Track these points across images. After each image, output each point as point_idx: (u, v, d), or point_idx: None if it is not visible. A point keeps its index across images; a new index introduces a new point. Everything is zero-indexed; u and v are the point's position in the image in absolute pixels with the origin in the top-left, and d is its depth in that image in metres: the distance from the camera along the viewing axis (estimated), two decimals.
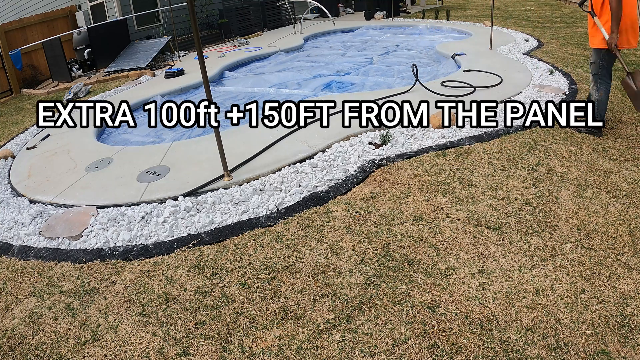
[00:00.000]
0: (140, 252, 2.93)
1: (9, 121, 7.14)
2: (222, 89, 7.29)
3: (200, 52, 3.24)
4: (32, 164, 4.63)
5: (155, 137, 5.39)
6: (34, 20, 10.05)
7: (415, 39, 10.00)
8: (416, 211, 3.08)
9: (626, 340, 1.99)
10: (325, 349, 2.08)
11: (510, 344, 2.02)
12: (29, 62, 9.70)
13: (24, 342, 2.30)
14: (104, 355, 2.16)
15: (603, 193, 3.16)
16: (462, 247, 2.70)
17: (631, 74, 3.89)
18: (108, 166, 4.20)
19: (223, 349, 2.13)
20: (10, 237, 3.33)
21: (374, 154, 3.90)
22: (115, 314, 2.42)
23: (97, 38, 9.71)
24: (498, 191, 3.25)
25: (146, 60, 9.30)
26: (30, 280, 2.80)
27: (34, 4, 13.36)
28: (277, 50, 9.60)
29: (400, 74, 7.05)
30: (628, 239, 2.67)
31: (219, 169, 3.67)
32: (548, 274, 2.42)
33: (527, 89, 5.27)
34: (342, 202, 3.26)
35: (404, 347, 2.04)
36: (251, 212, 3.22)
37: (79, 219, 3.30)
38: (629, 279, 2.35)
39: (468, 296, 2.31)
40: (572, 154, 3.73)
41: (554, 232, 2.77)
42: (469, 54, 7.20)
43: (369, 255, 2.69)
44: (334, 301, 2.36)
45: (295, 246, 2.83)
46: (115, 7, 10.53)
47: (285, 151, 4.03)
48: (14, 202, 3.91)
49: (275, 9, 13.43)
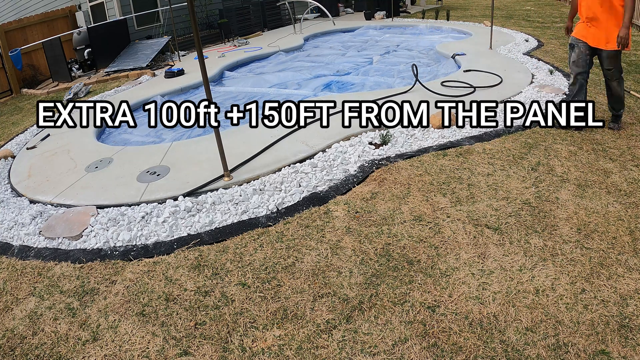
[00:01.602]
0: (140, 252, 2.93)
1: (9, 121, 7.14)
2: (222, 89, 7.29)
3: (200, 52, 3.24)
4: (32, 164, 4.63)
5: (155, 137, 5.40)
6: (34, 20, 10.05)
7: (415, 39, 10.00)
8: (416, 211, 3.08)
9: (626, 340, 1.99)
10: (325, 349, 2.08)
11: (510, 344, 2.02)
12: (29, 62, 9.70)
13: (24, 342, 2.30)
14: (104, 355, 2.16)
15: (603, 193, 3.16)
16: (462, 247, 2.69)
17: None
18: (108, 166, 4.20)
19: (223, 349, 2.13)
20: (10, 237, 3.33)
21: (374, 154, 3.90)
22: (115, 314, 2.42)
23: (97, 38, 9.71)
24: (498, 191, 3.25)
25: (146, 60, 9.30)
26: (30, 280, 2.80)
27: (34, 4, 13.36)
28: (277, 50, 9.60)
29: (400, 74, 7.05)
30: (628, 239, 2.67)
31: (219, 169, 3.67)
32: (548, 274, 2.42)
33: (527, 89, 5.27)
34: (342, 202, 3.26)
35: (404, 347, 2.04)
36: (251, 212, 3.22)
37: (79, 219, 3.30)
38: (629, 279, 2.35)
39: (468, 296, 2.31)
40: (572, 154, 3.73)
41: (554, 232, 2.77)
42: (469, 54, 7.20)
43: (369, 255, 2.69)
44: (334, 301, 2.36)
45: (295, 246, 2.83)
46: (115, 7, 10.53)
47: (285, 151, 4.03)
48: (14, 202, 3.91)
49: (275, 9, 13.43)
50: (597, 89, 5.33)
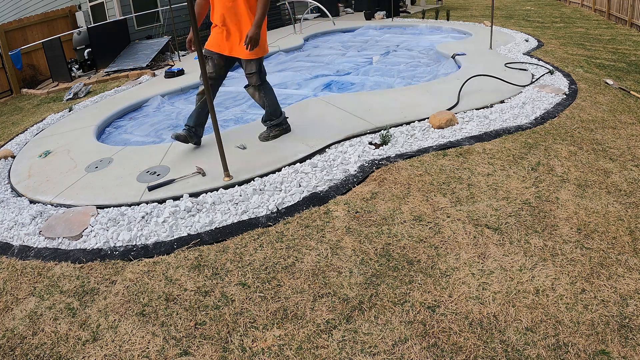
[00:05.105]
0: (140, 252, 2.93)
1: (9, 121, 7.14)
2: (222, 88, 7.26)
3: (200, 52, 3.24)
4: (32, 163, 4.63)
5: (155, 137, 5.39)
6: (34, 20, 10.05)
7: (416, 39, 9.99)
8: (416, 211, 3.08)
9: (626, 340, 1.99)
10: (325, 349, 2.08)
11: (510, 344, 2.02)
12: (29, 62, 9.70)
13: (24, 342, 2.30)
14: (104, 355, 2.16)
15: (603, 193, 3.16)
16: (462, 247, 2.70)
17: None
18: (108, 166, 4.20)
19: (223, 349, 2.13)
20: (10, 237, 3.33)
21: (374, 154, 3.90)
22: (115, 314, 2.42)
23: (97, 38, 9.71)
24: (498, 191, 3.25)
25: (146, 60, 9.30)
26: (30, 280, 2.80)
27: (34, 4, 13.36)
28: (277, 50, 9.60)
29: (401, 73, 7.05)
30: (628, 239, 2.67)
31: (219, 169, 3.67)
32: (548, 274, 2.42)
33: (527, 89, 5.27)
34: (342, 202, 3.26)
35: (404, 347, 2.04)
36: (251, 212, 3.22)
37: (79, 219, 3.30)
38: (629, 279, 2.35)
39: (468, 296, 2.31)
40: (572, 154, 3.73)
41: (554, 232, 2.77)
42: (469, 54, 7.20)
43: (369, 255, 2.69)
44: (334, 301, 2.36)
45: (295, 246, 2.83)
46: (115, 7, 10.53)
47: (285, 151, 4.03)
48: (14, 202, 3.91)
49: (275, 9, 13.43)
50: (598, 89, 5.33)
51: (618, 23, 11.03)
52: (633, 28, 10.18)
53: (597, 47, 8.06)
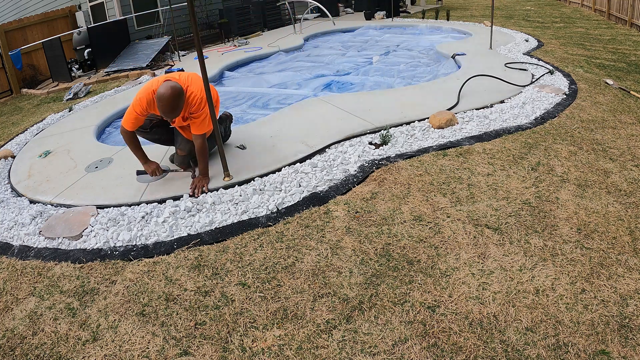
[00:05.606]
0: (140, 252, 2.93)
1: (9, 121, 7.14)
2: (222, 88, 7.29)
3: (200, 52, 3.24)
4: (32, 163, 4.63)
5: None
6: (34, 20, 10.05)
7: (415, 38, 9.99)
8: (416, 211, 3.08)
9: (626, 340, 1.99)
10: (325, 349, 2.08)
11: (510, 344, 2.02)
12: (29, 62, 9.70)
13: (24, 342, 2.30)
14: (104, 355, 2.16)
15: (603, 193, 3.16)
16: (462, 247, 2.69)
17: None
18: (108, 166, 4.20)
19: (223, 349, 2.13)
20: (10, 237, 3.33)
21: (374, 154, 3.90)
22: (115, 314, 2.42)
23: (97, 38, 9.71)
24: (498, 191, 3.25)
25: (146, 60, 9.30)
26: (30, 280, 2.80)
27: (34, 4, 13.37)
28: (277, 50, 9.60)
29: (401, 73, 7.05)
30: (628, 239, 2.67)
31: (219, 169, 3.67)
32: (548, 274, 2.42)
33: (527, 89, 5.27)
34: (342, 202, 3.26)
35: (404, 347, 2.04)
36: (251, 212, 3.22)
37: (79, 219, 3.30)
38: (629, 279, 2.35)
39: (468, 296, 2.31)
40: (572, 154, 3.73)
41: (554, 232, 2.77)
42: (469, 54, 7.20)
43: (369, 255, 2.69)
44: (334, 301, 2.36)
45: (295, 246, 2.83)
46: (115, 7, 10.53)
47: (285, 151, 4.03)
48: (14, 202, 3.90)
49: (275, 9, 13.43)
50: (598, 89, 5.34)
51: (618, 23, 11.03)
52: (633, 28, 10.18)
53: (597, 47, 8.06)
